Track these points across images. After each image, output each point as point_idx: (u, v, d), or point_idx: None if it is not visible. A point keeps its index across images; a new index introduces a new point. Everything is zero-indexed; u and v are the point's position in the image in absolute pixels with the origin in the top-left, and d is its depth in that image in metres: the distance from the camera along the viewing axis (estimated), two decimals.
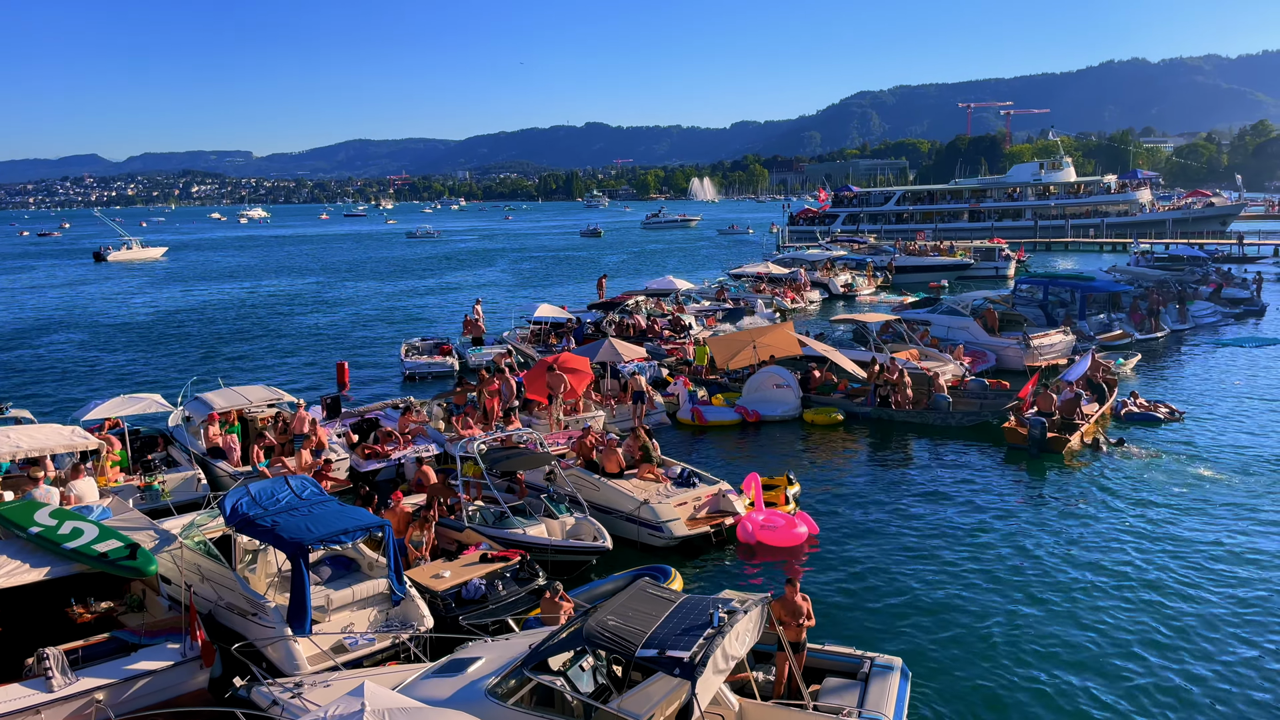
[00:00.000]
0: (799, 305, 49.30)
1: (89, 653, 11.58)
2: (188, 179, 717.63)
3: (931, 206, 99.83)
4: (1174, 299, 40.71)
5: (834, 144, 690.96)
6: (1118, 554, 15.92)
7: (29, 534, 12.33)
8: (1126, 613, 13.78)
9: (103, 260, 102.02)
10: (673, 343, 34.99)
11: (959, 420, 24.47)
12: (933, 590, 14.71)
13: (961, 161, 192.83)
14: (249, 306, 58.62)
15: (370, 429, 22.86)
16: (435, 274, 79.98)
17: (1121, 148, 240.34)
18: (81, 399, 29.86)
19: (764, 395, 26.28)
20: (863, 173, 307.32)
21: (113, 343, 44.31)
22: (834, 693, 10.28)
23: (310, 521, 12.60)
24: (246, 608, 12.61)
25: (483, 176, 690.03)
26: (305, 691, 10.17)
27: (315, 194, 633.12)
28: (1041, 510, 18.20)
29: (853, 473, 21.15)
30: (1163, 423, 24.13)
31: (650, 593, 9.87)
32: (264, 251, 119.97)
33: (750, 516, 17.30)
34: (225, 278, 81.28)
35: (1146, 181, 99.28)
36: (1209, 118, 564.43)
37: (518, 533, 15.91)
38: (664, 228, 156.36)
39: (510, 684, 9.46)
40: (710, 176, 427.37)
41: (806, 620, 10.80)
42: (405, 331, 43.93)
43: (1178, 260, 56.41)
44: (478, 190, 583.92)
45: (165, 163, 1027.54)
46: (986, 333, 32.31)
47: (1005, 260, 63.47)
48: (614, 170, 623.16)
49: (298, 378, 34.07)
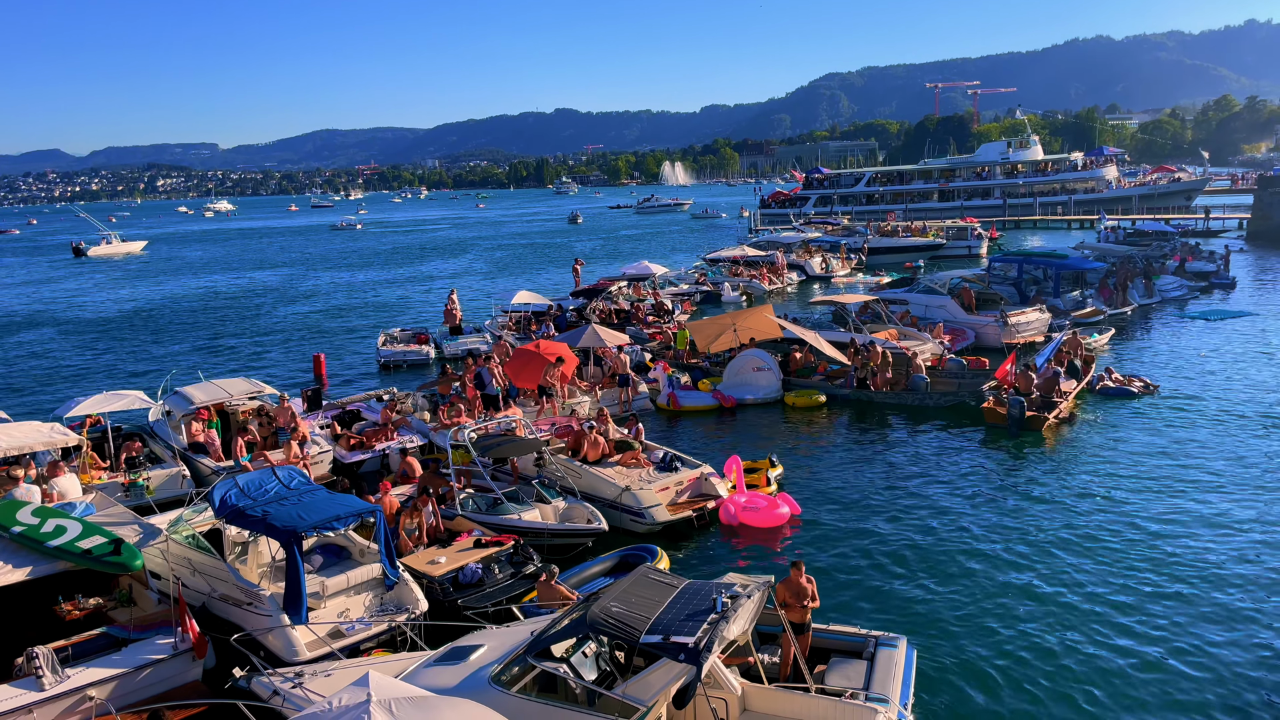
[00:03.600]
0: (777, 287, 49.45)
1: (79, 650, 11.49)
2: (153, 173, 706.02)
3: (901, 187, 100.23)
4: (1140, 274, 41.23)
5: (804, 126, 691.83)
6: (1104, 528, 16.16)
7: (11, 533, 12.20)
8: (1116, 583, 14.02)
9: (82, 255, 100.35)
10: (655, 327, 35.03)
11: (937, 401, 24.66)
12: (924, 569, 14.86)
13: (930, 142, 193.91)
14: (223, 300, 58.02)
15: (352, 421, 22.75)
16: (410, 264, 79.44)
17: (1087, 125, 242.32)
18: (55, 397, 29.48)
19: (745, 379, 26.38)
20: (832, 155, 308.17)
21: (90, 338, 43.72)
22: (840, 672, 10.37)
23: (301, 510, 12.65)
24: (242, 598, 12.59)
25: (453, 165, 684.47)
26: (306, 681, 10.15)
27: (283, 185, 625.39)
28: (1024, 487, 18.41)
29: (834, 454, 21.29)
30: (1138, 396, 24.49)
31: (653, 578, 9.90)
32: (232, 245, 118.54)
33: (732, 499, 17.39)
34: (197, 271, 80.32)
35: (1113, 158, 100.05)
36: (1173, 94, 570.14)
37: (512, 518, 15.96)
38: (657, 212, 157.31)
39: (513, 671, 9.48)
40: (681, 161, 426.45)
41: (811, 601, 10.87)
42: (382, 322, 43.67)
43: (1144, 235, 57.05)
44: (448, 179, 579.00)
45: (129, 156, 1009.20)
46: (964, 311, 32.60)
47: (977, 240, 63.89)
48: (585, 156, 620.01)
49: (275, 370, 33.79)
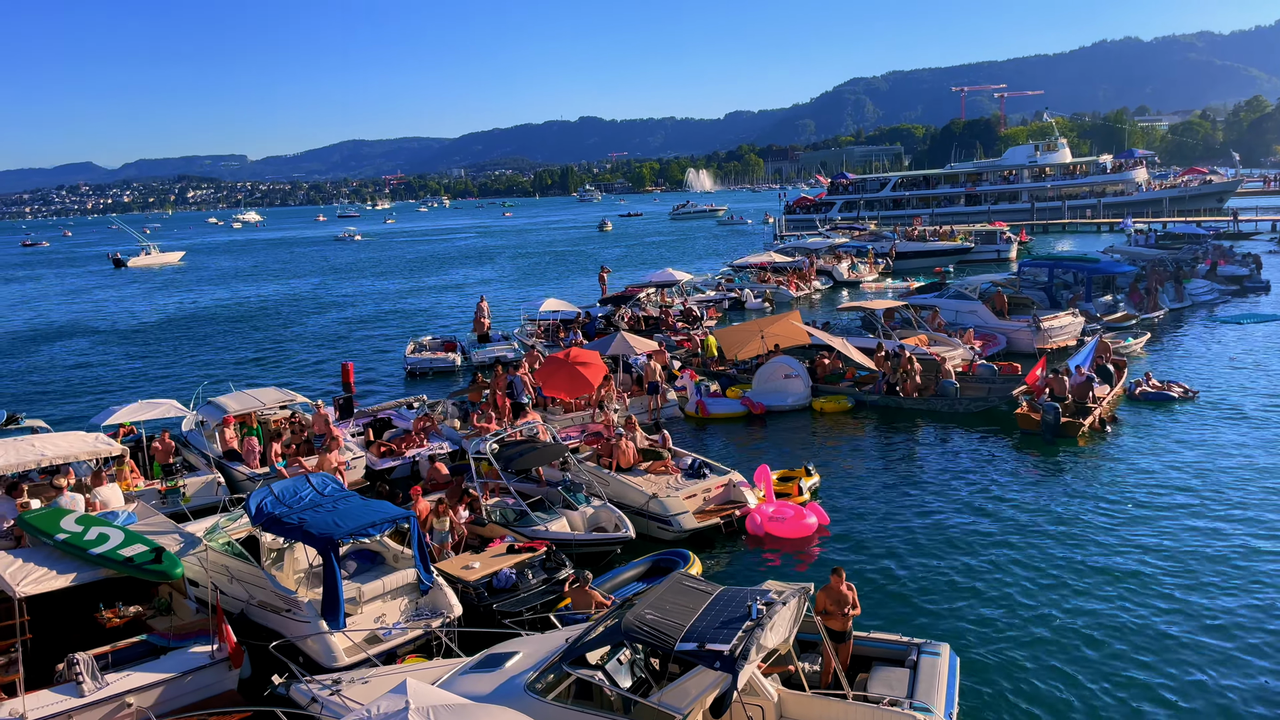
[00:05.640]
0: (804, 294, 49.31)
1: (119, 657, 11.64)
2: (183, 184, 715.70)
3: (928, 191, 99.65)
4: (1170, 278, 40.73)
5: (828, 131, 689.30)
6: (1146, 536, 15.92)
7: (56, 541, 12.37)
8: (1160, 593, 13.80)
9: (122, 266, 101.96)
10: (684, 334, 35.02)
11: (967, 406, 24.42)
12: (961, 576, 14.71)
13: (957, 145, 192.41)
14: (253, 309, 58.61)
15: (383, 428, 22.91)
16: (439, 272, 79.95)
17: (1117, 127, 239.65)
18: (93, 405, 29.91)
19: (774, 385, 26.27)
20: (858, 159, 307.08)
21: (125, 348, 44.31)
22: (882, 680, 10.28)
23: (337, 516, 12.74)
24: (280, 604, 12.70)
25: (478, 173, 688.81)
26: (344, 688, 10.21)
27: (311, 196, 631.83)
28: (1061, 494, 18.18)
29: (865, 461, 21.14)
30: (1177, 402, 24.13)
31: (687, 585, 9.88)
32: (260, 255, 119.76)
33: (759, 508, 17.32)
34: (228, 281, 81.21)
35: (1142, 160, 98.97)
36: (1203, 95, 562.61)
37: (539, 529, 15.97)
38: (692, 218, 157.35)
39: (549, 678, 9.49)
40: (706, 168, 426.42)
41: (852, 609, 10.80)
42: (411, 330, 43.96)
43: (1175, 238, 56.32)
44: (473, 187, 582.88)
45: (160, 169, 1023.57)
46: (996, 316, 32.31)
47: (1006, 243, 63.36)
48: (609, 164, 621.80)
49: (305, 379, 34.09)
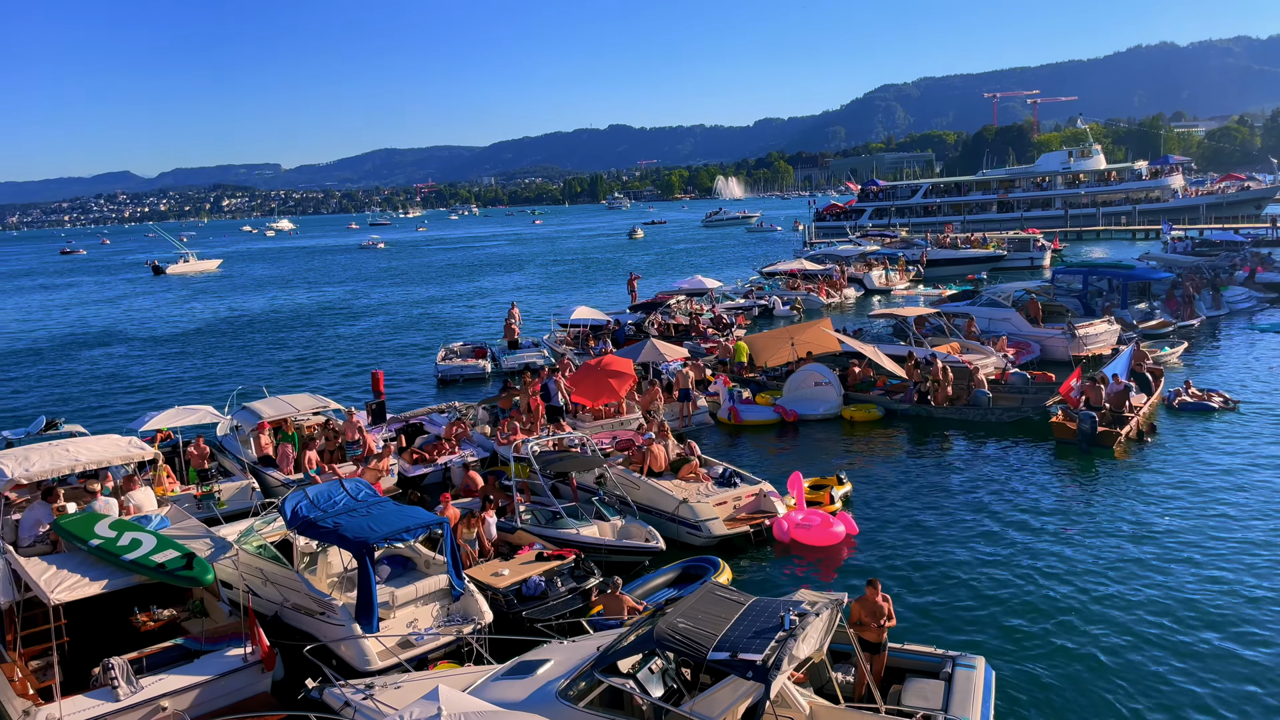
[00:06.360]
0: (835, 301, 49.08)
1: (153, 661, 11.74)
2: (218, 193, 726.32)
3: (960, 198, 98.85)
4: (1208, 285, 40.11)
5: (858, 138, 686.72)
6: (1184, 548, 15.65)
7: (90, 546, 12.47)
8: (1198, 606, 13.55)
9: (161, 273, 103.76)
10: (713, 341, 34.96)
11: (999, 416, 24.08)
12: (993, 587, 14.52)
13: (989, 152, 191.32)
14: (285, 316, 59.27)
15: (415, 434, 23.02)
16: (470, 280, 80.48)
17: (1152, 133, 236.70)
18: (131, 411, 30.33)
19: (805, 393, 26.12)
20: (888, 166, 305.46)
21: (162, 354, 44.99)
22: (916, 692, 10.16)
23: (371, 521, 12.81)
24: (314, 607, 12.79)
25: (508, 181, 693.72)
26: (377, 693, 10.24)
27: (343, 204, 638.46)
28: (1098, 505, 17.92)
29: (896, 470, 20.93)
30: (1217, 412, 23.69)
31: (720, 594, 9.82)
32: (293, 262, 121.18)
33: (788, 516, 17.23)
34: (263, 288, 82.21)
35: (1179, 166, 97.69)
36: (1241, 100, 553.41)
37: (571, 533, 16.01)
38: (724, 225, 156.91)
39: (581, 686, 9.46)
40: (735, 175, 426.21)
41: (888, 620, 10.69)
42: (440, 337, 44.22)
43: (1212, 245, 55.47)
44: (503, 195, 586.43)
45: (196, 178, 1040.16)
46: (1029, 324, 31.94)
47: (1040, 251, 62.77)
48: (638, 171, 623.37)
49: (338, 385, 34.37)
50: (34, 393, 36.20)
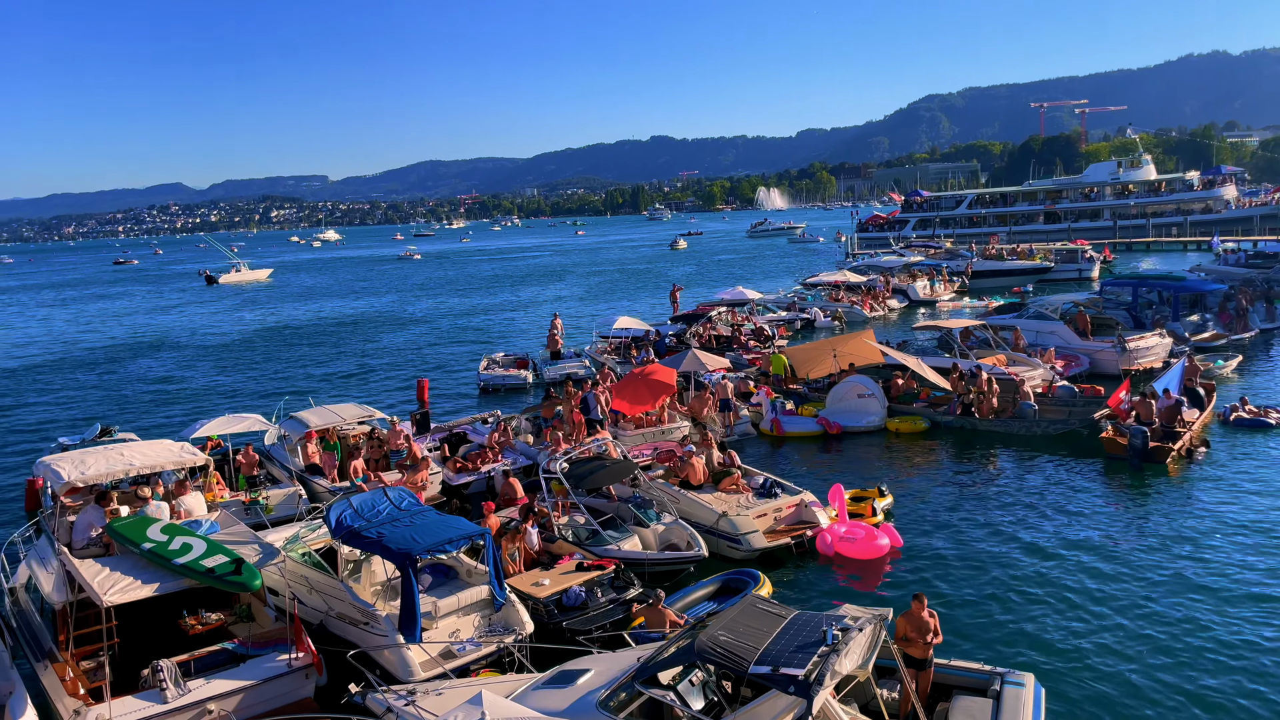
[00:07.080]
0: (879, 313, 48.65)
1: (200, 664, 11.92)
2: (267, 204, 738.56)
3: (1005, 209, 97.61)
4: (1261, 297, 39.18)
5: (902, 149, 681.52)
6: (1238, 567, 15.27)
7: (142, 549, 12.69)
8: (1253, 626, 13.19)
9: (214, 283, 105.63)
10: (755, 353, 34.84)
11: (1045, 429, 23.64)
12: (1039, 604, 14.26)
13: (1035, 162, 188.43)
14: (332, 325, 60.09)
15: (459, 443, 23.20)
16: (512, 290, 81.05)
17: (1204, 143, 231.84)
18: (182, 418, 30.93)
19: (849, 405, 25.90)
20: (932, 177, 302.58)
21: (212, 362, 45.83)
22: (963, 710, 10.00)
23: (415, 532, 12.88)
24: (358, 617, 12.89)
25: (551, 193, 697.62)
26: (419, 699, 10.31)
27: (389, 215, 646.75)
28: (1150, 522, 17.52)
29: (941, 482, 20.67)
30: (1275, 428, 23.09)
31: (761, 608, 9.76)
32: (340, 272, 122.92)
33: (831, 528, 17.08)
34: (311, 298, 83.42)
35: (1231, 177, 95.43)
36: None
37: (612, 549, 15.96)
38: (770, 235, 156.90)
39: (621, 697, 9.43)
40: (777, 185, 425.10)
41: (934, 637, 10.55)
42: (485, 347, 44.58)
43: (1265, 257, 54.16)
44: (546, 206, 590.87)
45: (246, 189, 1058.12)
46: (1078, 337, 31.40)
47: (1088, 262, 61.71)
48: (680, 182, 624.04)
49: (383, 394, 34.76)
50: (89, 400, 37.06)
